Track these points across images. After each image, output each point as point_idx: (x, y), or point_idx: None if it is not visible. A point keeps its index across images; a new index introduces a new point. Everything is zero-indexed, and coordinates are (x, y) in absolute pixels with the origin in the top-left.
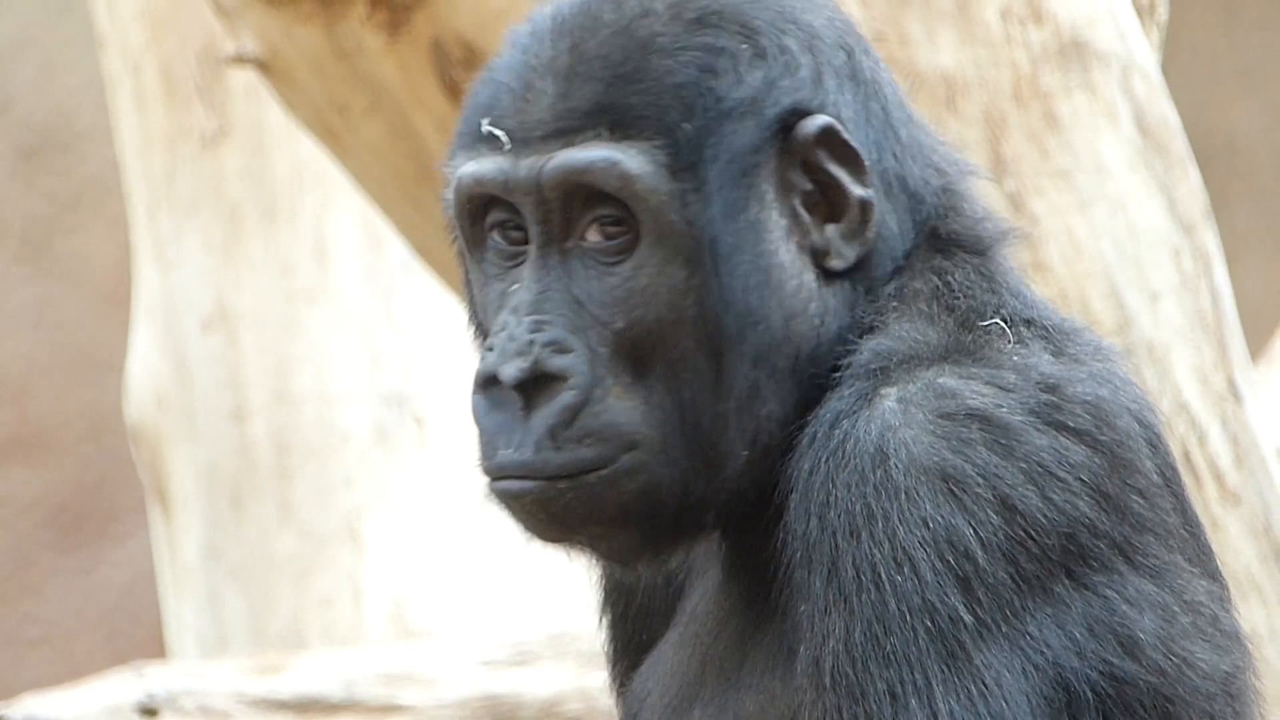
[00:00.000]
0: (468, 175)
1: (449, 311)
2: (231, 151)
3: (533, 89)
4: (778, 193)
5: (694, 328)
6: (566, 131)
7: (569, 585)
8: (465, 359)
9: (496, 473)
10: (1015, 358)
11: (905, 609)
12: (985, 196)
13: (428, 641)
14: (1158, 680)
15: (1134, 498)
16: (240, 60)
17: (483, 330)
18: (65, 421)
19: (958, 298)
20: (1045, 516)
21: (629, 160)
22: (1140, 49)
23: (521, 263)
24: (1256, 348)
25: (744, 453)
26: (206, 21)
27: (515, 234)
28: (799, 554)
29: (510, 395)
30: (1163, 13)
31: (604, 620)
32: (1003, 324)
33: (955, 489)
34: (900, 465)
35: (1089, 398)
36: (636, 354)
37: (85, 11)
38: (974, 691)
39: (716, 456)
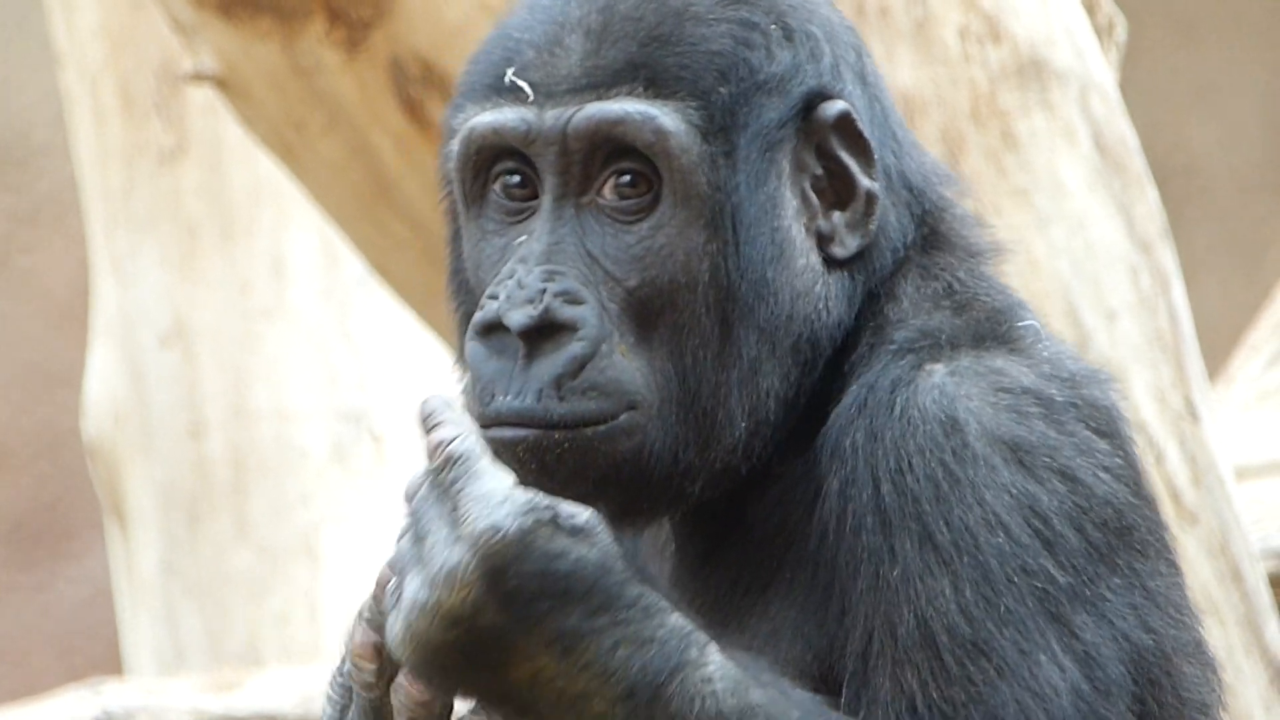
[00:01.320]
0: (484, 125)
1: (406, 328)
2: (189, 168)
3: (560, 45)
4: (793, 172)
5: (706, 293)
6: (598, 85)
7: None
8: (422, 375)
9: (491, 420)
10: (1045, 352)
11: (1009, 570)
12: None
13: None
14: (1154, 689)
15: (1142, 489)
16: (198, 77)
17: (466, 288)
18: (22, 438)
19: (978, 297)
20: (1099, 490)
21: (664, 117)
22: (1098, 68)
23: (525, 218)
24: (1214, 367)
25: (742, 424)
26: (165, 38)
27: (521, 190)
28: (869, 519)
29: (513, 342)
30: (1121, 32)
31: None
32: (1037, 325)
33: (1025, 459)
34: (975, 433)
35: (1104, 403)
36: (645, 314)
37: (41, 27)
38: (1083, 655)
39: (713, 426)
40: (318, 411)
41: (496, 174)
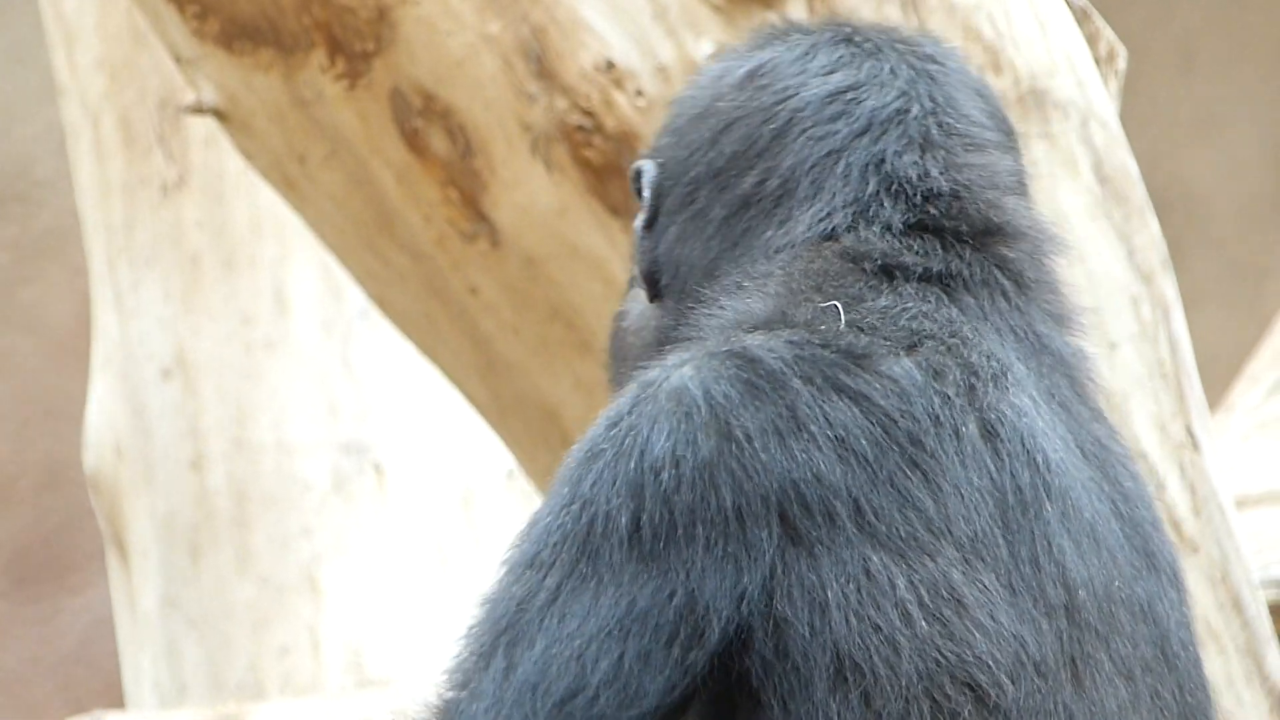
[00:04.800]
0: None
1: (407, 360)
2: (191, 200)
3: None
4: None
5: None
6: None
7: None
8: (423, 406)
9: None
10: (827, 328)
11: (511, 566)
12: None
13: (385, 691)
14: (844, 645)
15: (910, 473)
16: (199, 109)
17: None
18: (23, 470)
19: (814, 290)
20: (767, 455)
21: None
22: (1099, 98)
23: None
24: (1214, 396)
25: None
26: (166, 71)
27: None
28: None
29: None
30: (1122, 62)
31: None
32: (838, 306)
33: (682, 407)
34: (651, 384)
35: (899, 376)
36: None
37: (43, 61)
38: (519, 683)
39: None
40: (319, 443)
41: None
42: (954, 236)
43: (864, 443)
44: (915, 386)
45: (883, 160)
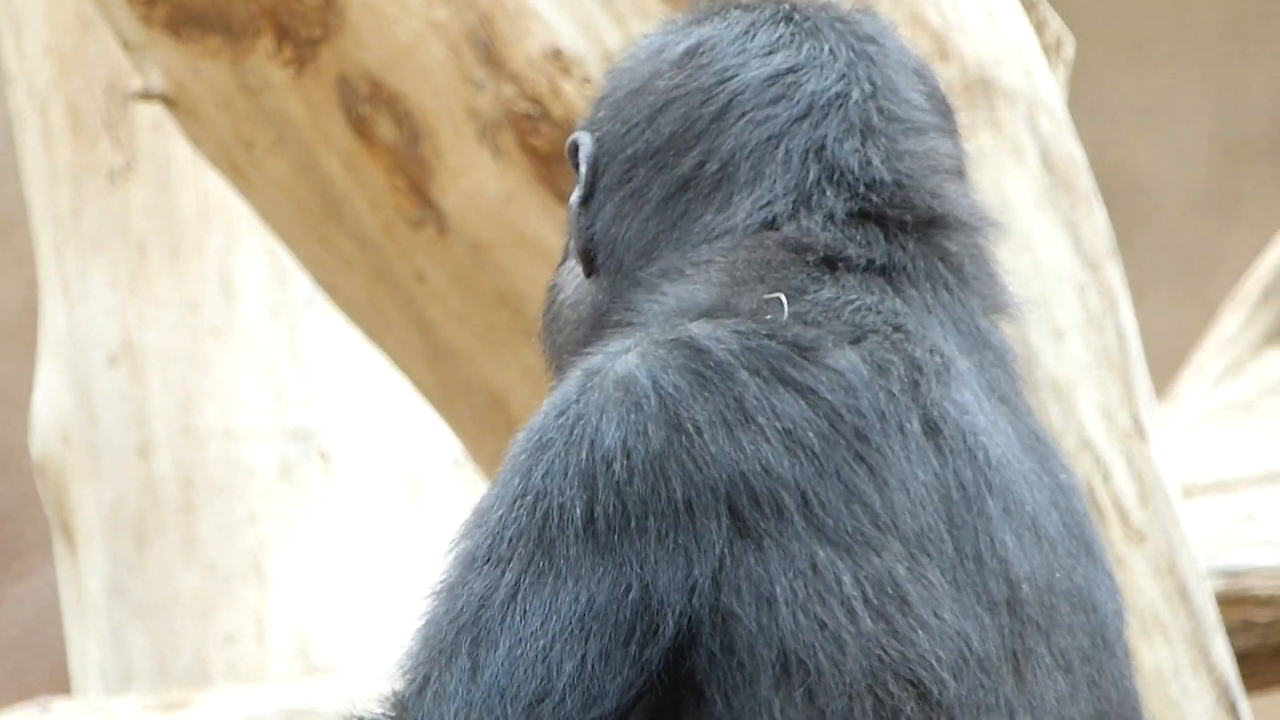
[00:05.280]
0: None
1: (353, 347)
2: (138, 187)
3: None
4: None
5: None
6: None
7: None
8: (370, 393)
9: None
10: (773, 318)
11: (463, 558)
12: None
13: (332, 677)
14: (789, 640)
15: (856, 467)
16: (147, 96)
17: None
18: None
19: (757, 279)
20: (716, 446)
21: None
22: (1046, 86)
23: None
24: (1161, 385)
25: None
26: (114, 58)
27: None
28: None
29: None
30: (1069, 50)
31: None
32: (782, 298)
33: (631, 397)
34: (596, 372)
35: (845, 370)
36: None
37: None
38: (487, 684)
39: None
40: (266, 430)
41: None
42: (897, 227)
43: (811, 436)
44: (861, 381)
45: (823, 147)
